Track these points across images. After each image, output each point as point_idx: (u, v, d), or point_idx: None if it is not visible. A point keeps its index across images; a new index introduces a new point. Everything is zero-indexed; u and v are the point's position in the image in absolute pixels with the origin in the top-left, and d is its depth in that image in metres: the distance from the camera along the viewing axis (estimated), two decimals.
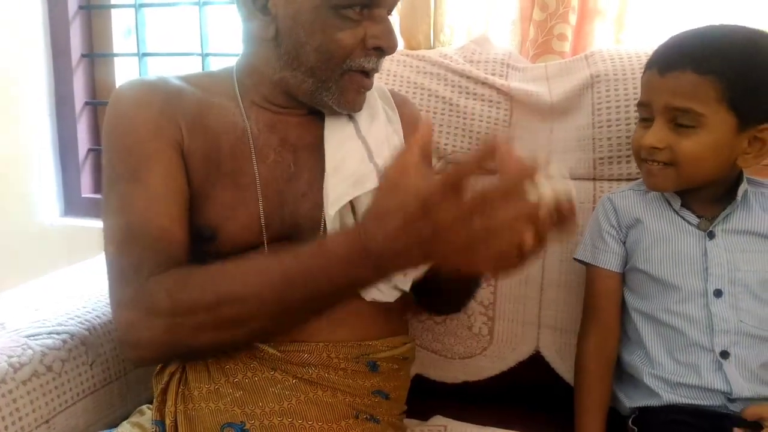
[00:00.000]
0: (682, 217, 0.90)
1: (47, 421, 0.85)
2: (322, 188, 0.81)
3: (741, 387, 0.83)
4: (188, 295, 0.69)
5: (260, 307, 0.67)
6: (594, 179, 1.13)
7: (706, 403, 0.85)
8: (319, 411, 0.77)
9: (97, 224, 1.72)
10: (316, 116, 0.86)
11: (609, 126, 1.11)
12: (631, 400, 0.91)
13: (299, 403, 0.76)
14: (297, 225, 0.82)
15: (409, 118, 0.95)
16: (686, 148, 0.82)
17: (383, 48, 0.78)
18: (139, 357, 0.75)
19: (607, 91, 1.12)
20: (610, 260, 0.94)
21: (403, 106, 0.96)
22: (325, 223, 0.81)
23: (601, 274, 0.95)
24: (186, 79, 0.86)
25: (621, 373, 0.96)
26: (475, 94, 1.17)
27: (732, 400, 0.84)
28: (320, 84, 0.79)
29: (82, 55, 1.77)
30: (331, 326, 0.79)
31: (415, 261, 0.61)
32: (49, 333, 0.89)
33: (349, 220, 0.82)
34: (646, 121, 0.87)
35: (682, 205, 0.90)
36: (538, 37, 1.27)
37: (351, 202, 0.80)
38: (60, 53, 1.74)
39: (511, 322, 1.12)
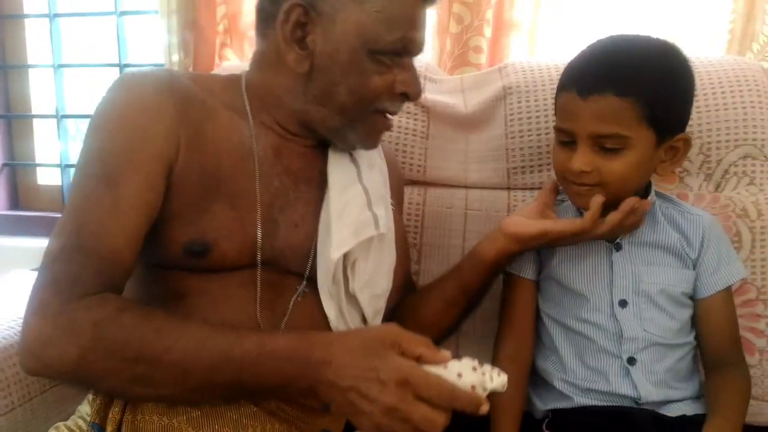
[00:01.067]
0: None
1: None
2: (314, 222, 0.84)
3: (648, 391, 0.86)
4: (112, 337, 0.65)
5: (178, 380, 0.65)
6: (508, 188, 1.16)
7: (617, 405, 0.87)
8: None
9: (13, 242, 1.66)
10: (320, 149, 0.88)
11: (521, 136, 1.14)
12: (544, 403, 0.93)
13: None
14: (284, 253, 0.82)
15: (393, 171, 0.99)
16: (614, 169, 0.83)
17: (409, 94, 0.82)
18: (36, 371, 0.68)
19: (519, 102, 1.15)
20: (525, 268, 0.96)
21: (389, 156, 1.01)
22: (314, 254, 0.84)
23: (517, 281, 0.97)
24: (195, 81, 0.83)
25: (535, 378, 0.98)
26: None
27: (640, 404, 0.87)
28: (348, 122, 0.82)
29: None
30: None
31: (340, 403, 0.65)
32: None
33: (340, 263, 0.83)
34: (566, 144, 0.87)
35: None
36: (455, 49, 1.30)
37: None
38: None
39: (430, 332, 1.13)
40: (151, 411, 0.72)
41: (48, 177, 1.77)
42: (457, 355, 0.67)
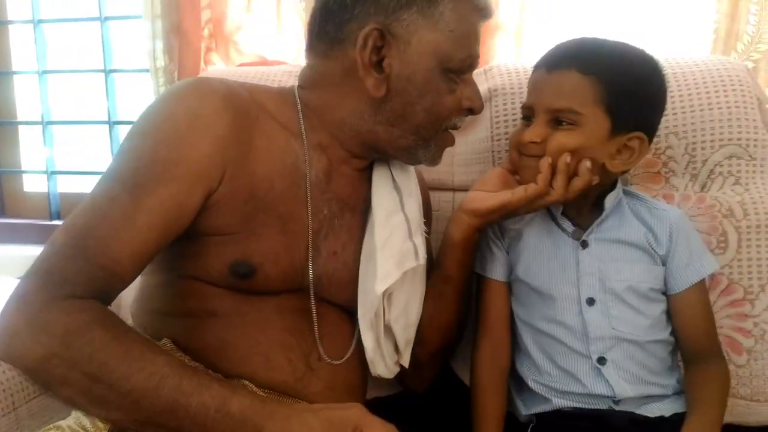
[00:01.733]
0: (560, 225, 0.92)
1: None
2: (353, 251, 0.85)
3: (623, 389, 0.86)
4: (79, 348, 0.64)
5: (129, 409, 0.64)
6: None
7: (593, 407, 0.87)
8: None
9: None
10: (365, 173, 0.90)
11: (507, 139, 1.13)
12: (527, 407, 0.93)
13: None
14: (321, 281, 0.83)
15: (425, 203, 0.99)
16: (560, 141, 0.84)
17: (474, 108, 0.84)
18: (4, 358, 0.68)
19: (504, 104, 1.15)
20: (496, 270, 0.96)
21: (421, 182, 1.00)
22: (349, 284, 0.84)
23: (490, 284, 0.96)
24: (251, 93, 0.81)
25: (519, 382, 0.97)
26: None
27: (617, 402, 0.86)
28: (422, 142, 0.83)
29: None
30: (333, 392, 0.83)
31: None
32: None
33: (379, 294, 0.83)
34: (527, 120, 0.89)
35: (562, 213, 0.93)
36: None
37: None
38: None
39: None
40: None
41: (34, 184, 1.76)
42: None
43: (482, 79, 1.20)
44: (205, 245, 0.76)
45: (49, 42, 1.68)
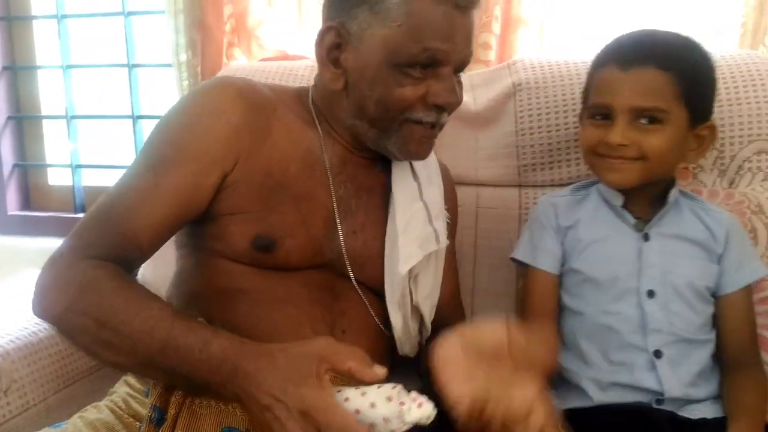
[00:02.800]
0: (621, 218, 0.92)
1: None
2: (372, 232, 0.88)
3: (672, 386, 0.86)
4: (90, 297, 0.70)
5: (130, 351, 0.69)
6: (519, 186, 1.16)
7: (636, 401, 0.87)
8: None
9: (24, 242, 1.67)
10: (381, 163, 0.91)
11: (532, 133, 1.14)
12: (561, 402, 0.93)
13: None
14: (340, 258, 0.86)
15: (447, 187, 1.00)
16: (654, 143, 0.85)
17: (441, 105, 0.83)
18: (37, 314, 0.74)
19: (529, 99, 1.14)
20: (548, 261, 0.95)
21: (444, 172, 1.01)
22: (369, 263, 0.87)
23: (539, 275, 0.96)
24: (272, 90, 0.89)
25: (552, 377, 0.98)
26: None
27: (661, 401, 0.86)
28: (382, 133, 0.84)
29: (4, 68, 1.70)
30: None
31: (258, 418, 0.66)
32: None
33: (405, 275, 0.87)
34: (601, 119, 0.88)
35: (622, 206, 0.92)
36: None
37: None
38: None
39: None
40: (209, 396, 0.75)
41: (58, 177, 1.78)
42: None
43: (506, 73, 1.19)
44: (228, 224, 0.81)
45: (72, 37, 1.69)
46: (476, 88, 1.20)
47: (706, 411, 0.87)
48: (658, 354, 0.87)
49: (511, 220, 1.13)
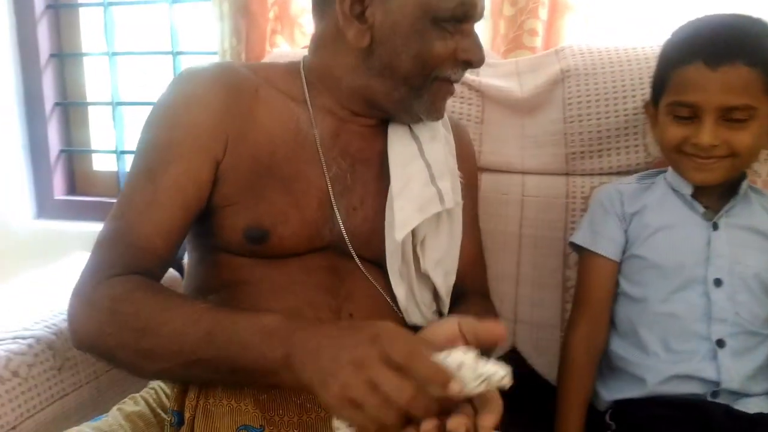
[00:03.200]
0: (690, 206, 0.91)
1: (14, 428, 0.83)
2: (373, 205, 0.84)
3: (731, 377, 0.84)
4: (125, 310, 0.69)
5: (175, 351, 0.67)
6: (567, 174, 1.14)
7: (692, 393, 0.86)
8: None
9: (70, 226, 1.71)
10: (380, 129, 0.88)
11: (580, 121, 1.11)
12: (610, 393, 0.92)
13: (318, 420, 0.75)
14: (344, 238, 0.83)
15: (461, 145, 0.97)
16: (745, 141, 0.83)
17: (472, 61, 0.81)
18: (77, 346, 0.76)
19: (578, 85, 1.12)
20: (609, 247, 0.94)
21: (456, 129, 0.97)
22: (375, 237, 0.83)
23: (598, 261, 0.95)
24: (254, 70, 0.85)
25: (601, 365, 0.97)
26: None
27: (717, 393, 0.85)
28: (413, 92, 0.81)
29: (51, 55, 1.73)
30: None
31: (311, 370, 0.60)
32: (14, 338, 0.87)
33: (408, 242, 0.83)
34: (685, 117, 0.86)
35: (691, 195, 0.91)
36: (509, 32, 1.27)
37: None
38: (28, 53, 1.71)
39: None
40: (221, 395, 0.74)
41: (103, 163, 1.81)
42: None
43: (554, 59, 1.17)
44: (221, 217, 0.80)
45: (118, 25, 1.71)
46: (523, 74, 1.19)
47: (763, 406, 0.85)
48: (720, 344, 0.85)
49: (558, 209, 1.11)
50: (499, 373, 0.58)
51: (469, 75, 1.16)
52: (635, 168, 1.11)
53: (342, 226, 0.82)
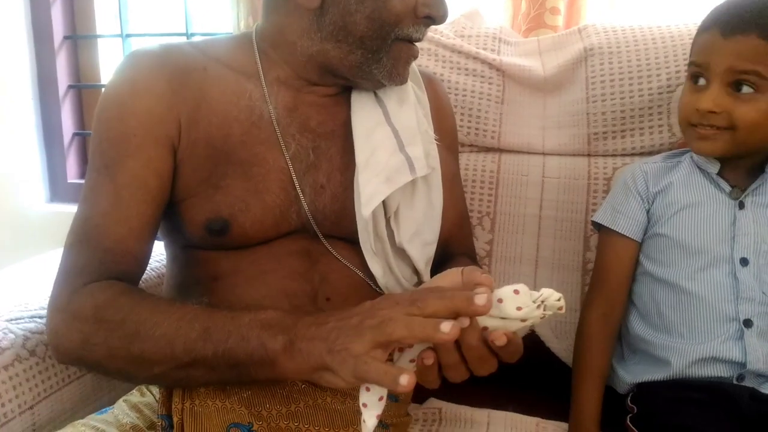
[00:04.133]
0: (716, 185, 0.89)
1: (31, 407, 0.82)
2: (342, 181, 0.78)
3: (757, 359, 0.82)
4: (111, 317, 0.66)
5: (169, 353, 0.63)
6: (588, 155, 1.12)
7: (716, 375, 0.84)
8: (327, 417, 0.74)
9: None
10: (343, 97, 0.82)
11: (603, 100, 1.09)
12: (632, 375, 0.90)
13: (307, 408, 0.73)
14: (315, 219, 0.78)
15: (436, 102, 0.90)
16: (746, 114, 0.81)
17: (433, 17, 0.74)
18: (60, 360, 0.74)
19: (602, 64, 1.10)
20: (629, 226, 0.92)
21: (430, 86, 0.91)
22: (347, 214, 0.78)
23: (617, 239, 0.93)
24: (199, 48, 0.80)
25: (621, 348, 0.95)
26: (466, 69, 1.14)
27: (742, 376, 0.83)
28: (370, 55, 0.75)
29: (65, 37, 1.72)
30: None
31: (318, 360, 0.57)
32: (32, 317, 0.86)
33: (380, 216, 0.78)
34: (695, 80, 0.85)
35: (717, 173, 0.89)
36: (530, 10, 1.24)
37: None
38: (42, 36, 1.70)
39: None
40: (205, 396, 0.72)
41: None
42: None
43: (577, 38, 1.15)
44: (181, 211, 0.76)
45: (131, 6, 1.70)
46: (545, 53, 1.16)
47: None
48: (747, 323, 0.83)
49: (579, 190, 1.09)
50: (554, 294, 0.55)
51: (490, 54, 1.14)
52: (659, 149, 1.09)
53: (307, 207, 0.77)
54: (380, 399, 0.57)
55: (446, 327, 0.51)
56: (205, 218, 0.75)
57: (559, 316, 0.53)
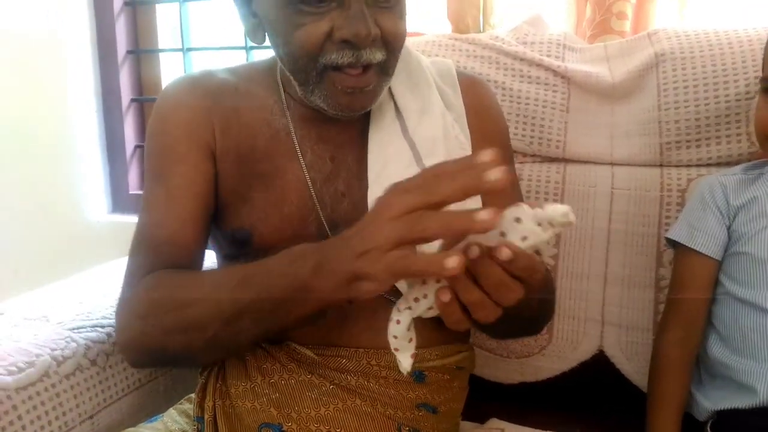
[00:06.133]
0: None
1: (91, 417, 0.82)
2: (362, 188, 0.77)
3: None
4: (159, 295, 0.70)
5: (215, 308, 0.65)
6: (661, 165, 1.06)
7: None
8: (358, 421, 0.73)
9: None
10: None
11: (677, 108, 1.03)
12: (712, 402, 0.84)
13: (337, 411, 0.73)
14: (334, 228, 0.77)
15: (476, 105, 0.85)
16: None
17: (348, 39, 0.67)
18: (128, 359, 0.77)
19: (674, 70, 1.04)
20: (708, 244, 0.87)
21: (471, 89, 0.87)
22: None
23: (695, 258, 0.88)
24: (232, 71, 0.85)
25: (699, 372, 0.89)
26: (529, 77, 1.10)
27: None
28: (305, 87, 0.73)
29: (128, 52, 1.77)
30: (372, 331, 0.75)
31: (348, 267, 0.54)
32: (93, 326, 0.87)
33: None
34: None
35: None
36: (596, 16, 1.20)
37: None
38: (106, 50, 1.74)
39: (572, 320, 1.06)
40: (235, 397, 0.75)
41: None
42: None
43: (646, 43, 1.09)
44: (216, 222, 0.81)
45: (192, 20, 1.73)
46: (612, 59, 1.11)
47: None
48: None
49: (651, 203, 1.03)
50: (558, 209, 0.49)
51: (554, 61, 1.10)
52: (737, 159, 1.02)
53: (327, 216, 0.77)
54: (410, 341, 0.55)
55: (453, 261, 0.47)
56: (232, 228, 0.79)
57: (570, 226, 0.49)
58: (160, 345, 0.70)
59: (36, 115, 1.76)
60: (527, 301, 0.52)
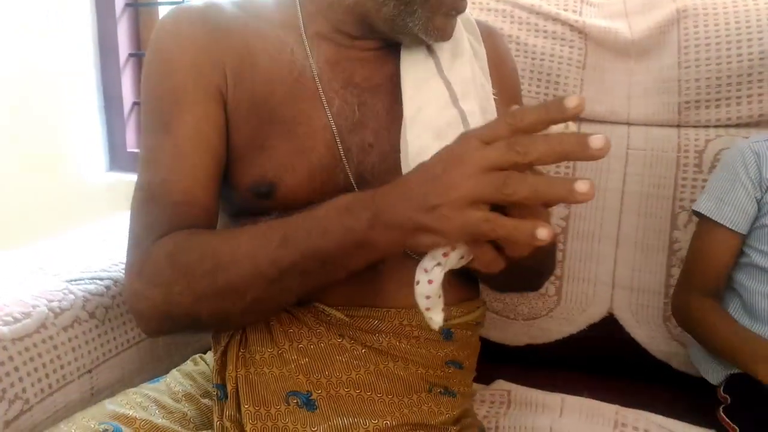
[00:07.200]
0: None
1: (90, 371, 0.80)
2: (390, 138, 0.72)
3: None
4: (186, 260, 0.63)
5: (254, 270, 0.60)
6: (678, 126, 1.03)
7: None
8: (390, 384, 0.70)
9: None
10: (390, 51, 0.75)
11: (698, 66, 1.00)
12: (725, 365, 0.83)
13: (368, 374, 0.69)
14: (361, 179, 0.73)
15: (494, 57, 0.82)
16: None
17: None
18: (145, 328, 0.69)
19: (696, 27, 1.01)
20: (736, 219, 0.85)
21: (489, 39, 0.83)
22: (393, 177, 0.70)
23: (720, 231, 0.86)
24: (241, 5, 0.77)
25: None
26: (545, 31, 1.06)
27: None
28: (403, 6, 0.68)
29: (126, 4, 1.72)
30: (403, 289, 0.69)
31: (410, 215, 0.51)
32: (92, 278, 0.84)
33: None
34: None
35: None
36: None
37: None
38: (104, 2, 1.69)
39: (582, 282, 1.03)
40: (261, 363, 0.69)
41: None
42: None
43: None
44: (229, 177, 0.73)
45: None
46: (632, 14, 1.07)
47: None
48: None
49: (668, 164, 1.01)
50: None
51: (571, 15, 1.06)
52: (757, 119, 0.99)
53: (354, 168, 0.72)
54: (439, 297, 0.53)
55: (545, 233, 0.44)
56: (251, 181, 0.72)
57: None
58: (191, 312, 0.64)
59: (32, 70, 1.71)
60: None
